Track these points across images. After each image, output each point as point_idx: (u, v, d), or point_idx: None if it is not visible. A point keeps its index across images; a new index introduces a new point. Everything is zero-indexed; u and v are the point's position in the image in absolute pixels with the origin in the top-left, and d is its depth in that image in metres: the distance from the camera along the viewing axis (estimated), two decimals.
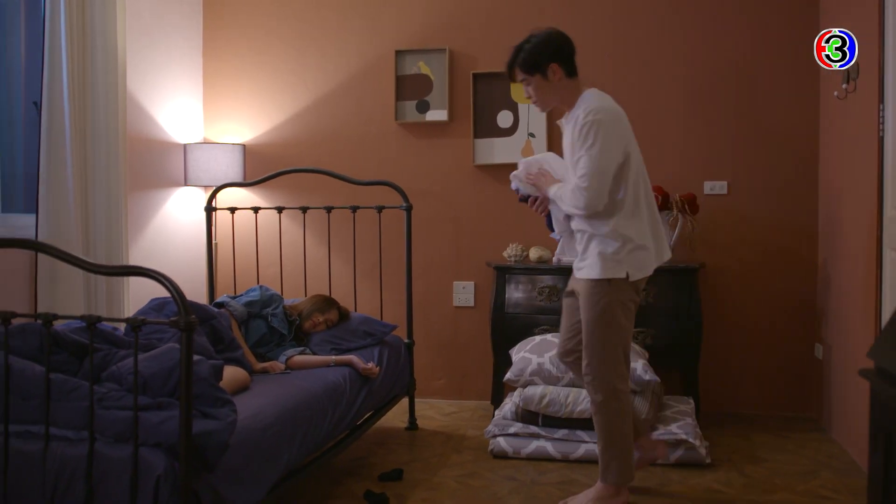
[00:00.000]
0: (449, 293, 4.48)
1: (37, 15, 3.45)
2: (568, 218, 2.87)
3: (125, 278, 3.60)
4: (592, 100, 2.75)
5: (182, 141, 4.43)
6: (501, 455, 3.44)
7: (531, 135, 4.32)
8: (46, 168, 3.28)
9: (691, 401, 3.76)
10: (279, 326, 3.42)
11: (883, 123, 3.07)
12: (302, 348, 3.39)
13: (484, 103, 4.36)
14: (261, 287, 3.55)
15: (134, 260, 3.91)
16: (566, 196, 2.75)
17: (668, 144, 4.23)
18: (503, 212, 4.34)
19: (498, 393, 4.11)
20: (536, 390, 3.46)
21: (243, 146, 4.57)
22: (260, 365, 3.21)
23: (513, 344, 3.86)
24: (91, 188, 3.50)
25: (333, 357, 3.31)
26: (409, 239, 3.97)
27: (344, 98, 4.56)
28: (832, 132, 3.89)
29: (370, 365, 3.33)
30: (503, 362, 3.93)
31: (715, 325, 4.14)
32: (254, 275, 4.31)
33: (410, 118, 4.45)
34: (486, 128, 4.37)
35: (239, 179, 4.42)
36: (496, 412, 3.67)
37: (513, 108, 4.35)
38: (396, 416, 4.03)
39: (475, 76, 4.36)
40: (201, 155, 4.37)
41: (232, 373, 2.78)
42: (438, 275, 4.48)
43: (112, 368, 2.23)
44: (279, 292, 3.72)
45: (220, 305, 3.37)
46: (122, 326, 2.72)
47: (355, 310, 4.00)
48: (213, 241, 4.31)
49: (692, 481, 3.15)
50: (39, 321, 2.05)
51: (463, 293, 4.47)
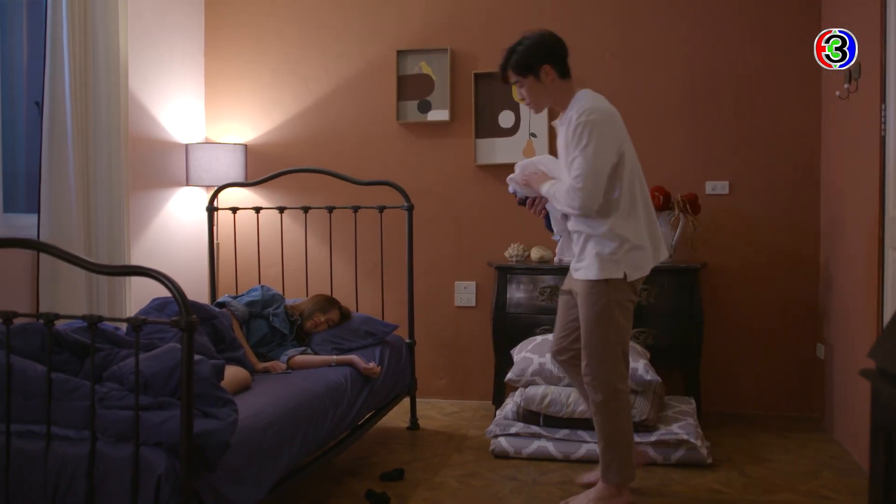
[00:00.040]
0: (450, 293, 4.49)
1: (39, 15, 3.45)
2: (566, 218, 2.87)
3: (127, 278, 3.61)
4: (586, 100, 2.75)
5: (184, 141, 4.44)
6: (503, 455, 3.45)
7: (532, 135, 4.32)
8: (48, 168, 3.29)
9: (693, 401, 3.76)
10: (280, 326, 3.43)
11: (885, 123, 3.07)
12: (303, 348, 3.39)
13: (485, 103, 4.36)
14: (262, 287, 3.56)
15: (136, 260, 3.91)
16: (560, 195, 2.75)
17: (670, 144, 4.23)
18: (505, 212, 4.34)
19: (499, 393, 4.11)
20: (538, 390, 3.46)
21: (245, 146, 4.57)
22: (261, 365, 3.22)
23: (514, 344, 3.86)
24: (93, 188, 3.51)
25: (335, 357, 3.31)
26: (411, 239, 3.97)
27: (345, 98, 4.56)
28: (834, 132, 3.89)
29: (371, 365, 3.33)
30: (504, 362, 3.93)
31: (716, 325, 4.14)
32: (255, 275, 4.32)
33: (412, 118, 4.45)
34: (488, 128, 4.37)
35: (240, 179, 4.43)
36: (497, 412, 3.67)
37: (514, 108, 4.34)
38: (398, 416, 4.04)
39: (477, 76, 4.36)
40: (203, 155, 4.38)
41: (233, 372, 2.79)
42: (440, 275, 4.48)
43: (113, 368, 2.24)
44: (281, 292, 3.72)
45: (222, 305, 3.37)
46: (124, 326, 2.72)
47: (357, 310, 4.00)
48: (215, 241, 4.31)
49: (693, 481, 3.15)
50: (41, 321, 2.05)
51: (464, 293, 4.47)
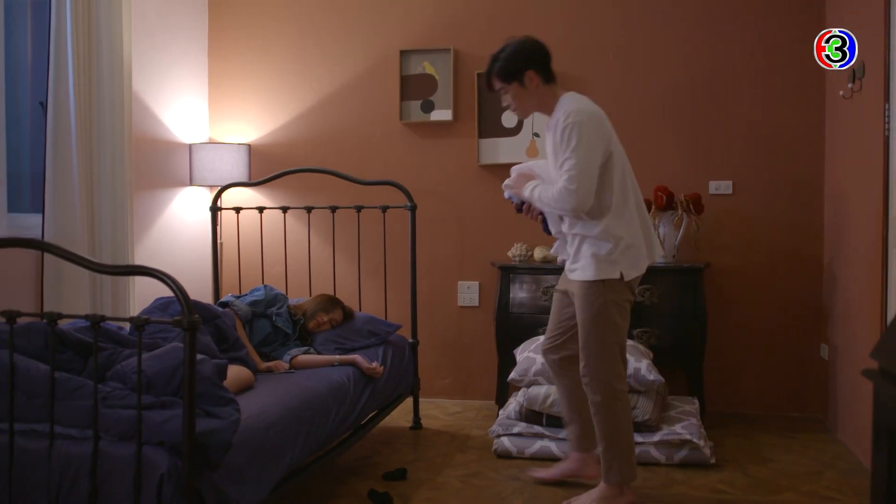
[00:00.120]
0: (453, 293, 4.49)
1: (43, 15, 3.46)
2: (562, 219, 2.87)
3: (130, 278, 3.62)
4: (570, 103, 2.76)
5: (187, 141, 4.44)
6: (505, 455, 3.44)
7: (536, 135, 4.32)
8: (52, 168, 3.30)
9: (696, 401, 3.76)
10: (283, 326, 3.43)
11: (889, 123, 3.07)
12: (306, 348, 3.40)
13: (488, 103, 4.36)
14: (265, 286, 3.56)
15: (139, 259, 3.92)
16: (548, 198, 2.75)
17: (673, 144, 4.23)
18: (508, 212, 4.29)
19: (502, 393, 4.11)
20: (540, 390, 3.46)
21: (248, 146, 4.58)
22: (264, 364, 3.22)
23: (517, 344, 3.86)
24: (97, 188, 3.51)
25: (338, 356, 3.32)
26: (414, 239, 3.97)
27: (349, 98, 4.57)
28: (838, 132, 3.88)
29: (374, 364, 3.33)
30: (507, 362, 3.93)
31: (720, 326, 4.13)
32: (259, 274, 4.33)
33: (415, 118, 4.45)
34: (491, 128, 4.37)
35: (244, 179, 4.44)
36: (500, 412, 3.67)
37: None
38: (401, 416, 4.04)
39: (480, 76, 4.34)
40: (206, 155, 4.39)
41: (236, 372, 2.79)
42: (443, 274, 4.48)
43: (116, 367, 2.24)
44: (284, 292, 3.72)
45: (225, 305, 3.37)
46: (127, 326, 2.73)
47: (360, 309, 4.00)
48: (219, 241, 4.32)
49: (696, 481, 3.15)
50: (44, 320, 2.06)
51: (467, 293, 4.47)
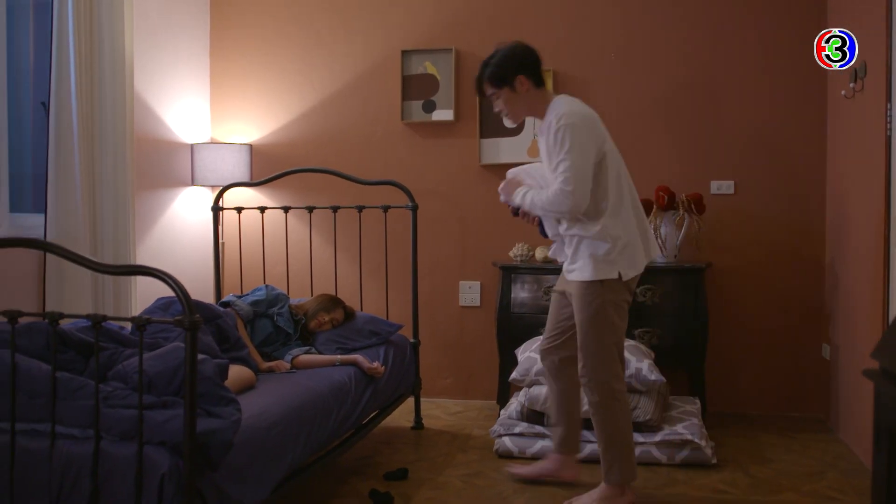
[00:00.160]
0: (455, 293, 4.49)
1: (45, 16, 3.47)
2: (559, 221, 2.87)
3: (132, 278, 3.62)
4: (562, 106, 2.77)
5: (189, 141, 4.45)
6: (507, 455, 3.44)
7: (537, 135, 4.31)
8: (54, 168, 3.30)
9: (697, 401, 3.76)
10: (285, 326, 3.43)
11: (891, 122, 3.06)
12: (307, 348, 3.40)
13: (490, 103, 4.33)
14: (267, 286, 3.56)
15: (141, 259, 3.93)
16: (542, 201, 2.76)
17: (675, 144, 4.22)
18: (509, 212, 4.32)
19: (504, 393, 4.11)
20: (542, 390, 3.45)
21: (250, 146, 4.58)
22: (266, 364, 3.22)
23: (518, 344, 3.86)
24: (99, 188, 3.52)
25: (339, 356, 3.32)
26: (415, 239, 3.97)
27: (350, 98, 4.57)
28: (839, 131, 3.87)
29: (376, 364, 3.34)
30: (509, 362, 3.93)
31: (721, 326, 4.13)
32: (260, 274, 4.33)
33: (416, 118, 4.45)
34: (492, 128, 4.37)
35: (246, 179, 4.44)
36: (502, 412, 3.67)
37: None
38: (402, 416, 4.04)
39: None
40: (208, 155, 4.39)
41: (237, 372, 2.80)
42: (444, 274, 4.48)
43: (118, 367, 2.24)
44: (285, 292, 3.73)
45: (227, 305, 3.38)
46: (129, 325, 2.73)
47: (361, 309, 4.00)
48: (220, 241, 4.32)
49: (698, 481, 3.15)
50: (46, 320, 2.06)
51: (469, 293, 4.47)
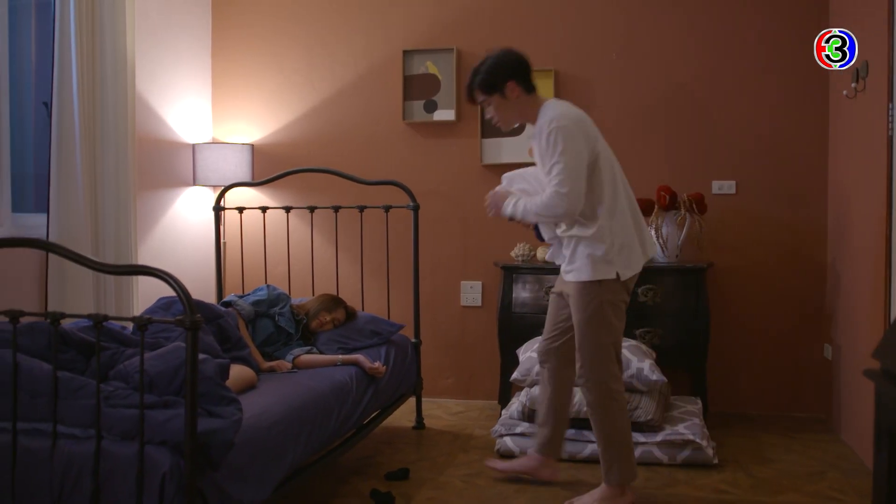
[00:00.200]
0: (456, 293, 4.49)
1: (47, 16, 3.48)
2: (556, 224, 2.87)
3: (134, 277, 3.63)
4: (552, 109, 2.78)
5: (191, 141, 4.45)
6: (508, 455, 3.44)
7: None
8: (56, 168, 3.31)
9: (699, 401, 3.76)
10: (286, 326, 3.44)
11: (892, 122, 3.06)
12: (309, 347, 3.40)
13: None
14: (268, 286, 3.57)
15: (143, 259, 3.93)
16: (535, 207, 2.76)
17: (676, 144, 4.22)
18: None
19: (505, 392, 4.11)
20: None
21: (251, 146, 4.58)
22: (267, 364, 3.23)
23: (520, 344, 3.86)
24: (100, 188, 3.52)
25: (340, 356, 3.32)
26: (417, 238, 3.97)
27: (352, 98, 4.57)
28: (841, 131, 3.87)
29: (377, 364, 3.34)
30: (510, 362, 3.93)
31: (723, 326, 4.13)
32: (261, 274, 4.33)
33: (418, 118, 4.46)
34: (494, 128, 4.30)
35: (247, 179, 4.44)
36: (503, 412, 3.67)
37: None
38: (403, 416, 4.04)
39: None
40: (210, 155, 4.39)
41: (238, 372, 2.80)
42: (446, 274, 4.49)
43: (119, 367, 2.25)
44: (286, 291, 3.73)
45: (228, 304, 3.38)
46: (130, 325, 2.73)
47: (362, 309, 4.00)
48: (222, 241, 4.33)
49: (699, 481, 3.15)
50: (47, 320, 2.07)
51: (470, 293, 4.47)
